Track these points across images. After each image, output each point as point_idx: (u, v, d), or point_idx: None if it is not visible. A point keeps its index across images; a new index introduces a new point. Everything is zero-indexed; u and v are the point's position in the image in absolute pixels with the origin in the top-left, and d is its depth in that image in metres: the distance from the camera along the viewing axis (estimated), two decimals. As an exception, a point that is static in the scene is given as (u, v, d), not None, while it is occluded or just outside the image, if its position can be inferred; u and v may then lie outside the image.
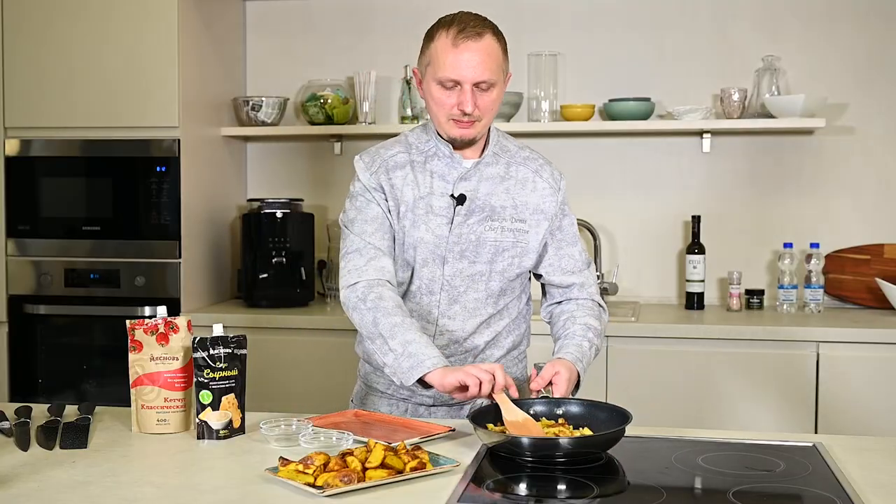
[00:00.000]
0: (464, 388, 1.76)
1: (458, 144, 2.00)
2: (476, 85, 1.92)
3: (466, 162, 2.02)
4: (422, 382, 1.82)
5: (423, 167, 2.02)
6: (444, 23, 1.95)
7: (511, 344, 2.09)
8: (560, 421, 1.78)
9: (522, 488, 1.54)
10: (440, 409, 2.07)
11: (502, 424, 1.74)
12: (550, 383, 1.87)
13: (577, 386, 1.95)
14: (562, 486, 1.53)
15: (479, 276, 2.00)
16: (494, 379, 1.76)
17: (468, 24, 1.92)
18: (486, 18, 1.96)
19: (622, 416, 1.71)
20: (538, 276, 2.14)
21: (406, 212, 2.00)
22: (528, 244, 2.03)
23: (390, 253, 2.00)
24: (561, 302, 2.12)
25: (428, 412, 2.06)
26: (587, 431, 1.72)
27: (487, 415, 1.76)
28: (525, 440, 1.61)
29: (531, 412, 1.79)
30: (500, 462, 1.64)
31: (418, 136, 2.06)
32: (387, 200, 2.01)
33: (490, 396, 1.78)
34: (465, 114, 1.92)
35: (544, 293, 2.17)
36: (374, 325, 1.89)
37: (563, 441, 1.61)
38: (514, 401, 1.79)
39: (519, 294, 2.09)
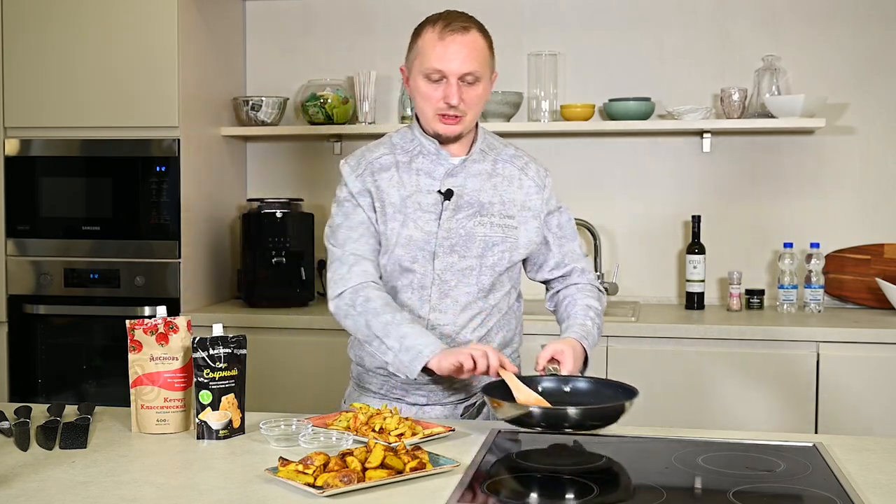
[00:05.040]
0: (460, 368, 1.82)
1: (444, 140, 2.03)
2: (461, 78, 1.96)
3: (453, 159, 2.06)
4: (426, 371, 1.86)
5: (408, 166, 2.05)
6: (431, 19, 2.01)
7: (502, 340, 2.10)
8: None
9: (522, 488, 1.54)
10: (434, 409, 2.07)
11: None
12: (557, 361, 1.91)
13: (585, 363, 1.99)
14: (562, 487, 1.53)
15: (470, 271, 2.02)
16: (488, 358, 1.82)
17: (455, 20, 1.98)
18: (472, 17, 2.03)
19: (628, 392, 1.74)
20: (545, 282, 2.19)
21: (394, 213, 2.03)
22: (518, 239, 2.06)
23: (374, 257, 2.04)
24: (561, 290, 2.16)
25: (421, 412, 2.07)
26: None
27: (498, 391, 1.80)
28: (536, 410, 1.66)
29: (539, 389, 1.84)
30: (500, 462, 1.64)
31: (403, 136, 2.10)
32: (373, 203, 2.04)
33: (496, 374, 1.84)
34: (450, 107, 1.96)
35: (547, 286, 2.21)
36: (367, 328, 1.94)
37: (572, 411, 1.64)
38: (522, 379, 1.84)
39: (509, 290, 2.10)
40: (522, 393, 1.79)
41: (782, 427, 3.02)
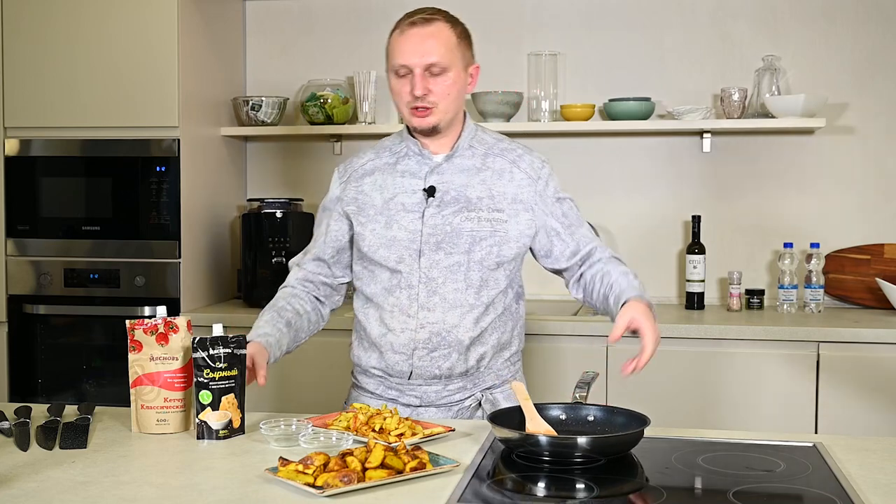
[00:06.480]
0: None
1: (426, 134, 2.03)
2: (427, 70, 1.96)
3: (437, 157, 2.06)
4: None
5: (392, 169, 2.08)
6: (400, 19, 2.02)
7: (497, 342, 2.08)
8: None
9: (522, 488, 1.54)
10: (428, 410, 2.08)
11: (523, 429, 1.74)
12: (635, 331, 1.89)
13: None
14: (562, 486, 1.53)
15: (458, 267, 2.01)
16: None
17: (418, 13, 1.99)
18: (441, 10, 2.02)
19: (640, 421, 1.71)
20: (557, 272, 2.16)
21: (375, 214, 2.05)
22: (508, 233, 2.04)
23: (328, 259, 2.16)
24: (586, 271, 2.12)
25: (415, 413, 2.07)
26: None
27: (509, 418, 1.76)
28: (542, 439, 1.62)
29: (561, 417, 1.79)
30: (500, 462, 1.64)
31: (392, 140, 2.14)
32: (344, 210, 2.10)
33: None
34: (416, 98, 1.97)
35: (565, 275, 2.16)
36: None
37: (581, 441, 1.60)
38: (541, 405, 1.80)
39: (504, 288, 2.08)
40: (535, 423, 1.74)
41: (782, 427, 3.02)
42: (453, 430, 1.81)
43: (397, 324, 2.03)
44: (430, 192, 2.02)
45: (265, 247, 3.53)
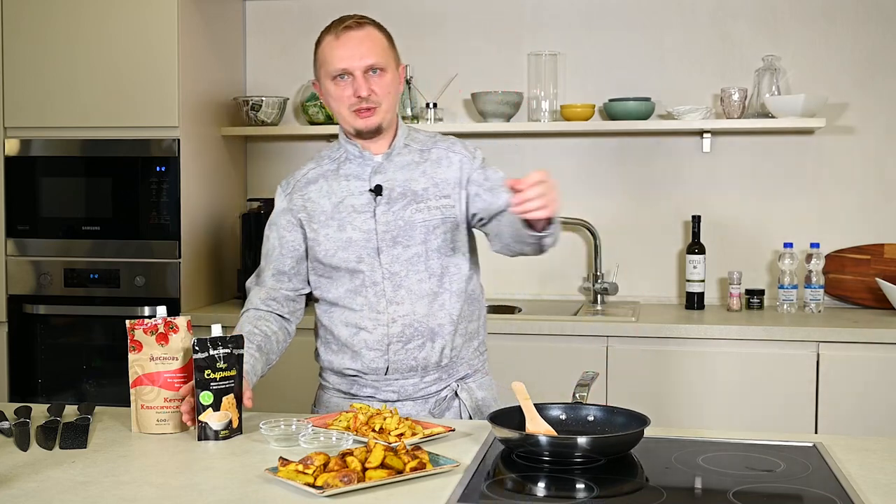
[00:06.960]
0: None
1: (366, 136, 2.07)
2: (366, 71, 2.02)
3: (377, 157, 2.10)
4: None
5: (335, 174, 2.11)
6: (326, 28, 2.08)
7: (466, 330, 2.11)
8: None
9: (522, 488, 1.54)
10: (405, 405, 2.09)
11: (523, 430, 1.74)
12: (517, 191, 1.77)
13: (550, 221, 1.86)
14: (562, 486, 1.53)
15: (417, 258, 2.05)
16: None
17: (348, 19, 2.06)
18: (367, 16, 2.09)
19: (640, 421, 1.71)
20: (483, 223, 2.10)
21: (326, 220, 2.08)
22: (457, 217, 2.08)
23: (288, 271, 2.14)
24: (501, 221, 2.05)
25: (393, 408, 2.08)
26: None
27: (509, 418, 1.76)
28: (542, 439, 1.62)
29: (561, 417, 1.80)
30: (500, 462, 1.64)
31: (331, 148, 2.18)
32: (294, 219, 2.11)
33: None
34: (361, 99, 2.01)
35: (485, 230, 2.12)
36: None
37: (581, 441, 1.60)
38: (541, 405, 1.80)
39: (468, 275, 2.10)
40: (535, 423, 1.75)
41: (782, 427, 3.02)
42: (453, 430, 1.81)
43: (369, 322, 2.06)
44: (377, 190, 2.06)
45: (265, 247, 3.52)
